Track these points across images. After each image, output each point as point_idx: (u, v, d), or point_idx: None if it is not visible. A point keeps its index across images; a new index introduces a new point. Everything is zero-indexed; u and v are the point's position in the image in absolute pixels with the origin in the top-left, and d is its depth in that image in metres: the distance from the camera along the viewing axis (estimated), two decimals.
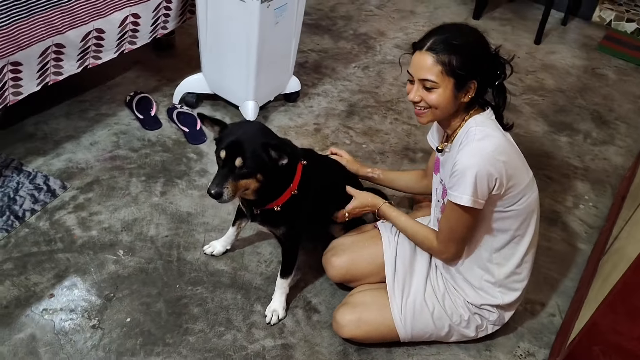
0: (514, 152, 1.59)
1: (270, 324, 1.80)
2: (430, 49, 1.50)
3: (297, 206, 1.68)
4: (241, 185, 1.52)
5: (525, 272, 1.70)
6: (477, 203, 1.51)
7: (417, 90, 1.56)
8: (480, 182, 1.48)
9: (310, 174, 1.68)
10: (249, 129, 1.57)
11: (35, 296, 1.78)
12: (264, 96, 2.55)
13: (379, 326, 1.69)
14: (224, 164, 1.51)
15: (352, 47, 3.28)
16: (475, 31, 1.57)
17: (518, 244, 1.65)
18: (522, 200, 1.58)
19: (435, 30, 1.55)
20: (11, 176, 2.14)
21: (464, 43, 1.51)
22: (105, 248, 1.96)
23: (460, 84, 1.52)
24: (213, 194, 1.48)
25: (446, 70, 1.49)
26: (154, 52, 2.96)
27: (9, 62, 1.88)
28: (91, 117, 2.49)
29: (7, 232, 1.95)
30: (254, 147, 1.50)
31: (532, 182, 1.63)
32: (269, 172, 1.54)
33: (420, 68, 1.53)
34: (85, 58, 2.19)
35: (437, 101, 1.54)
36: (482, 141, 1.51)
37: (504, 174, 1.50)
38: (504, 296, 1.70)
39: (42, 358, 1.63)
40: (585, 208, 2.43)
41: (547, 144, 2.76)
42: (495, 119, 1.60)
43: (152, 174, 2.26)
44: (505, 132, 1.61)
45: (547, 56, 3.49)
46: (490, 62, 1.56)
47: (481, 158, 1.49)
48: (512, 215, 1.60)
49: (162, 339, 1.72)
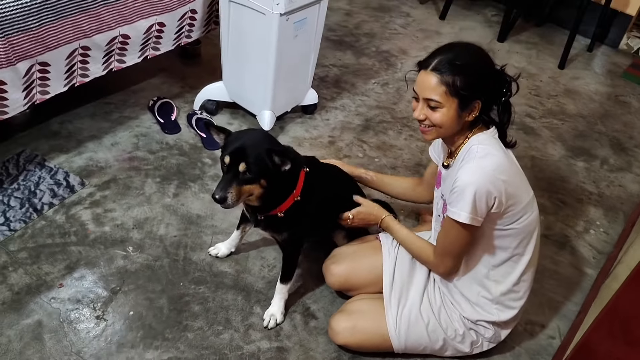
0: (515, 171, 1.60)
1: (268, 327, 1.83)
2: (435, 69, 1.52)
3: (300, 212, 1.72)
4: (245, 191, 1.57)
5: (523, 291, 1.70)
6: (475, 220, 1.53)
7: (421, 109, 1.59)
8: (479, 200, 1.50)
9: (313, 181, 1.72)
10: (252, 136, 1.62)
11: (46, 285, 1.86)
12: (281, 107, 2.61)
13: (373, 335, 1.71)
14: (228, 170, 1.56)
15: (373, 64, 3.33)
16: (480, 51, 1.59)
17: (517, 263, 1.66)
18: (522, 219, 1.59)
19: (440, 49, 1.58)
20: (34, 171, 2.24)
21: (468, 63, 1.53)
22: (116, 244, 2.03)
23: (464, 104, 1.54)
24: (217, 199, 1.53)
25: (450, 90, 1.51)
26: (180, 60, 3.07)
27: (37, 62, 1.98)
28: (115, 118, 2.59)
29: (25, 223, 2.04)
30: (257, 153, 1.55)
31: (533, 201, 1.64)
32: (272, 177, 1.58)
33: (424, 88, 1.55)
34: (110, 61, 2.29)
35: (440, 120, 1.56)
36: (483, 159, 1.53)
37: (504, 192, 1.52)
38: (501, 313, 1.70)
39: (46, 344, 1.70)
40: (596, 234, 2.40)
41: (563, 168, 2.75)
42: (498, 137, 1.62)
43: (167, 176, 2.34)
44: (507, 150, 1.62)
45: (571, 81, 3.47)
46: (495, 81, 1.59)
47: (481, 176, 1.50)
48: (511, 233, 1.61)
49: (161, 333, 1.78)
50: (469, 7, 4.19)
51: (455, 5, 4.08)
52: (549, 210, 2.48)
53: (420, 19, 3.92)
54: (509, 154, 1.62)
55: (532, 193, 1.64)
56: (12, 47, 1.86)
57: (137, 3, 2.18)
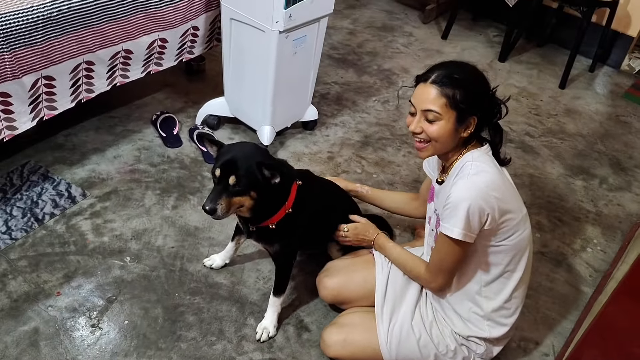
0: (508, 188, 1.61)
1: (260, 340, 1.85)
2: (435, 81, 1.55)
3: (292, 225, 1.74)
4: (235, 202, 1.60)
5: (514, 308, 1.71)
6: (468, 237, 1.54)
7: (418, 122, 1.61)
8: (472, 216, 1.51)
9: (305, 194, 1.75)
10: (243, 149, 1.65)
11: (44, 293, 1.89)
12: (281, 122, 2.66)
13: (364, 348, 1.72)
14: (218, 182, 1.59)
15: (374, 82, 3.37)
16: (476, 69, 1.62)
17: (508, 279, 1.67)
18: (514, 236, 1.60)
19: (438, 65, 1.61)
20: (37, 181, 2.29)
21: (467, 78, 1.56)
22: (114, 254, 2.07)
23: (461, 118, 1.56)
24: (207, 210, 1.56)
25: (450, 103, 1.54)
26: (185, 76, 3.13)
27: (42, 76, 2.04)
28: (118, 132, 2.64)
29: (27, 232, 2.08)
30: (247, 165, 1.58)
31: (525, 218, 1.65)
32: (262, 190, 1.61)
33: (424, 99, 1.57)
34: (114, 76, 2.34)
35: (438, 133, 1.58)
36: (476, 176, 1.55)
37: (497, 209, 1.53)
38: (492, 330, 1.70)
39: (42, 350, 1.73)
40: (593, 252, 2.41)
41: (562, 187, 2.76)
42: (492, 154, 1.64)
43: (167, 189, 2.38)
44: (501, 168, 1.64)
45: (571, 101, 3.50)
46: (490, 101, 1.62)
47: (474, 192, 1.52)
48: (503, 250, 1.62)
49: (155, 343, 1.80)
50: (471, 28, 4.24)
51: (458, 26, 4.13)
52: (546, 228, 2.49)
53: (423, 39, 3.98)
54: (503, 171, 1.64)
55: (525, 210, 1.66)
56: (18, 60, 1.92)
57: (139, 20, 2.24)
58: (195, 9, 2.46)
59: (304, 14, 2.30)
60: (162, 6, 2.31)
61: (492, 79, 3.67)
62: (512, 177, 2.72)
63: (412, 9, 4.37)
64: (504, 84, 3.55)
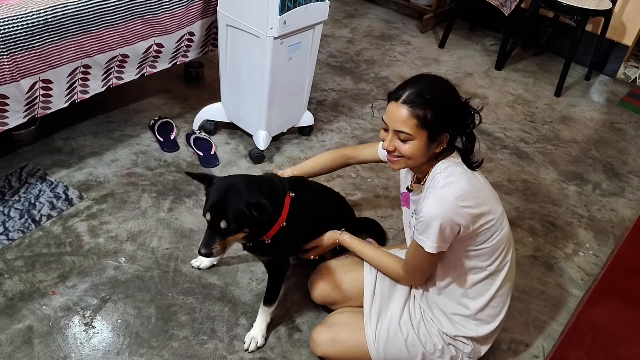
0: (480, 191, 1.61)
1: (248, 350, 1.84)
2: (406, 102, 1.54)
3: (286, 236, 1.76)
4: (229, 241, 1.62)
5: (500, 306, 1.73)
6: (441, 247, 1.57)
7: (391, 140, 1.61)
8: (444, 231, 1.54)
9: (298, 204, 1.77)
10: (231, 187, 1.61)
11: (39, 292, 1.92)
12: (277, 127, 2.69)
13: (352, 347, 1.74)
14: (210, 224, 1.60)
15: (371, 89, 3.41)
16: (448, 84, 1.62)
17: (493, 279, 1.68)
18: (493, 237, 1.62)
19: (411, 81, 1.60)
20: (35, 184, 2.33)
21: (438, 97, 1.55)
22: (109, 255, 2.09)
23: (433, 137, 1.56)
24: (203, 254, 1.60)
25: (421, 124, 1.53)
26: (183, 82, 3.18)
27: (40, 79, 2.08)
28: (116, 136, 2.68)
29: (23, 233, 2.12)
30: (235, 208, 1.57)
31: (502, 217, 1.66)
32: (254, 225, 1.63)
33: (395, 120, 1.57)
34: (109, 78, 2.39)
35: (410, 152, 1.58)
36: (444, 189, 1.55)
37: (469, 218, 1.55)
38: (479, 329, 1.72)
39: (35, 348, 1.75)
40: (585, 256, 2.42)
41: (555, 192, 2.78)
42: (462, 160, 1.64)
43: (163, 192, 2.41)
44: (473, 172, 1.63)
45: (567, 108, 3.52)
46: (462, 115, 1.61)
47: (444, 208, 1.53)
48: (484, 252, 1.63)
49: (147, 341, 1.82)
50: (468, 37, 4.28)
51: (455, 35, 4.17)
52: (539, 232, 2.51)
53: (420, 47, 4.02)
54: (475, 174, 1.64)
55: (501, 209, 1.66)
56: (16, 64, 1.97)
57: (137, 25, 2.29)
58: (192, 15, 2.51)
59: (298, 20, 2.34)
60: (159, 13, 2.35)
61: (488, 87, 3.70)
62: (506, 182, 2.75)
63: (410, 18, 4.42)
64: (500, 92, 3.59)
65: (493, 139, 3.12)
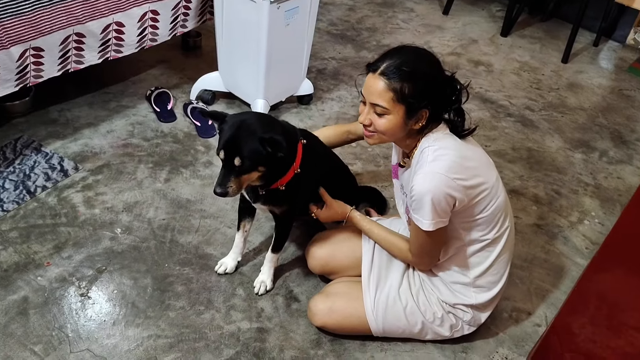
0: (473, 160, 1.55)
1: (258, 294, 1.87)
2: (383, 73, 1.47)
3: (300, 184, 1.73)
4: (244, 180, 1.58)
5: (501, 274, 1.69)
6: (440, 223, 1.52)
7: (367, 113, 1.54)
8: (439, 205, 1.48)
9: (311, 152, 1.73)
10: (244, 124, 1.58)
11: (34, 263, 1.90)
12: (275, 96, 2.63)
13: (349, 316, 1.71)
14: (224, 163, 1.56)
15: (372, 57, 3.27)
16: (430, 57, 1.54)
17: (492, 247, 1.64)
18: (489, 205, 1.57)
19: (390, 52, 1.53)
20: (30, 155, 2.29)
21: (417, 70, 1.47)
22: (105, 225, 2.07)
23: (411, 112, 1.50)
24: (218, 193, 1.55)
25: (397, 97, 1.46)
26: (180, 52, 3.12)
27: (30, 47, 2.03)
28: (112, 107, 2.64)
29: (18, 204, 2.09)
30: (250, 144, 1.54)
31: (497, 183, 1.60)
32: (269, 163, 1.59)
33: (371, 92, 1.50)
34: (107, 50, 2.33)
35: (385, 127, 1.52)
36: (433, 163, 1.49)
37: (462, 190, 1.49)
38: (478, 296, 1.69)
39: (31, 318, 1.74)
40: (591, 224, 2.37)
41: (560, 160, 2.72)
42: (451, 131, 1.57)
43: (160, 162, 2.37)
44: (464, 141, 1.57)
45: (574, 75, 3.43)
46: (444, 90, 1.53)
47: (435, 182, 1.47)
48: (481, 222, 1.59)
49: (144, 312, 1.80)
50: (473, 2, 4.17)
51: (460, 1, 4.06)
52: (543, 200, 2.46)
53: (424, 14, 3.92)
54: (466, 143, 1.57)
55: (495, 174, 1.60)
56: (6, 31, 1.91)
57: None
58: None
59: None
60: None
61: (494, 54, 3.60)
62: (510, 151, 2.69)
63: None
64: (505, 59, 3.50)
65: (497, 106, 3.04)
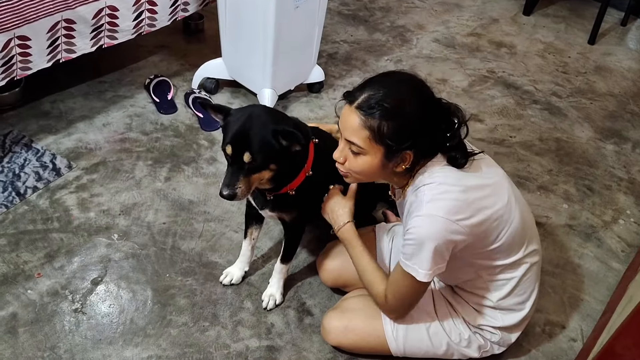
0: (478, 190, 1.34)
1: (267, 309, 1.72)
2: (360, 107, 1.26)
3: (312, 188, 1.56)
4: (254, 180, 1.41)
5: (528, 293, 1.51)
6: (437, 271, 1.34)
7: (342, 150, 1.34)
8: (439, 253, 1.31)
9: (322, 152, 1.54)
10: (253, 117, 1.40)
11: (23, 274, 1.75)
12: (283, 85, 2.45)
13: (367, 336, 1.55)
14: (232, 160, 1.39)
15: (387, 40, 3.12)
16: (419, 88, 1.31)
17: (514, 269, 1.46)
18: (502, 234, 1.37)
19: (373, 81, 1.31)
20: (19, 152, 2.13)
21: (401, 107, 1.25)
22: (101, 231, 1.91)
23: (390, 154, 1.29)
24: (225, 196, 1.38)
25: (374, 137, 1.26)
26: (182, 36, 2.92)
27: (15, 36, 1.85)
28: (108, 98, 2.46)
29: (7, 208, 1.93)
30: (261, 137, 1.37)
31: (510, 205, 1.38)
32: (282, 160, 1.42)
33: (345, 127, 1.29)
34: (100, 37, 2.15)
35: (360, 168, 1.33)
36: (431, 204, 1.29)
37: (467, 231, 1.30)
38: (505, 317, 1.52)
39: (20, 338, 1.59)
40: (626, 224, 2.19)
41: (591, 152, 2.52)
42: (449, 162, 1.35)
43: (160, 159, 2.20)
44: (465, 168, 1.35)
45: (602, 57, 3.21)
46: (437, 128, 1.31)
47: (436, 226, 1.28)
48: (495, 250, 1.40)
49: (143, 329, 1.65)
50: None
51: None
52: (574, 198, 2.27)
53: None
54: (467, 170, 1.35)
55: (507, 196, 1.38)
56: None
57: None
58: None
59: None
60: None
61: (516, 34, 3.38)
62: (537, 142, 2.49)
63: None
64: (529, 39, 3.28)
65: (522, 92, 2.84)
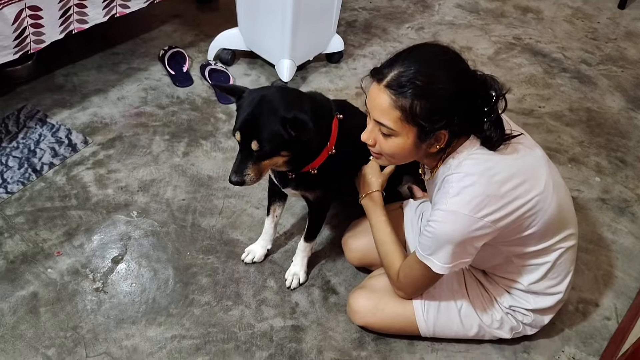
0: (513, 178, 1.23)
1: (290, 288, 1.68)
2: (389, 86, 1.16)
3: (335, 167, 1.48)
4: (265, 166, 1.35)
5: (562, 276, 1.44)
6: (458, 266, 1.28)
7: (371, 131, 1.25)
8: (461, 250, 1.25)
9: (348, 129, 1.46)
10: (264, 101, 1.33)
11: (43, 253, 1.72)
12: (302, 55, 2.36)
13: (396, 317, 1.50)
14: (241, 147, 1.33)
15: (407, 6, 3.00)
16: (454, 62, 1.21)
17: (548, 254, 1.38)
18: (535, 222, 1.28)
19: (402, 56, 1.19)
20: (34, 128, 2.08)
21: (434, 84, 1.15)
22: (119, 208, 1.86)
23: (424, 134, 1.20)
24: (233, 182, 1.33)
25: (406, 117, 1.17)
26: (195, 5, 2.83)
27: (26, 6, 1.78)
28: (122, 70, 2.39)
29: (24, 185, 1.89)
30: (269, 125, 1.30)
31: (547, 191, 1.27)
32: (294, 146, 1.35)
33: (374, 107, 1.21)
34: (112, 5, 2.07)
35: (392, 150, 1.24)
36: (456, 198, 1.20)
37: (494, 226, 1.22)
38: (537, 300, 1.45)
39: (42, 317, 1.56)
40: None
41: (623, 122, 2.42)
42: (482, 144, 1.25)
43: (177, 133, 2.14)
44: (503, 147, 1.25)
45: (632, 23, 3.07)
46: (473, 104, 1.21)
47: (459, 224, 1.21)
48: (529, 237, 1.32)
49: (166, 308, 1.62)
50: None
51: None
52: (607, 170, 2.18)
53: None
54: (503, 152, 1.25)
55: (544, 181, 1.27)
56: None
57: None
58: None
59: None
60: None
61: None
62: (567, 112, 2.39)
63: None
64: (556, 4, 3.14)
65: (550, 60, 2.72)
